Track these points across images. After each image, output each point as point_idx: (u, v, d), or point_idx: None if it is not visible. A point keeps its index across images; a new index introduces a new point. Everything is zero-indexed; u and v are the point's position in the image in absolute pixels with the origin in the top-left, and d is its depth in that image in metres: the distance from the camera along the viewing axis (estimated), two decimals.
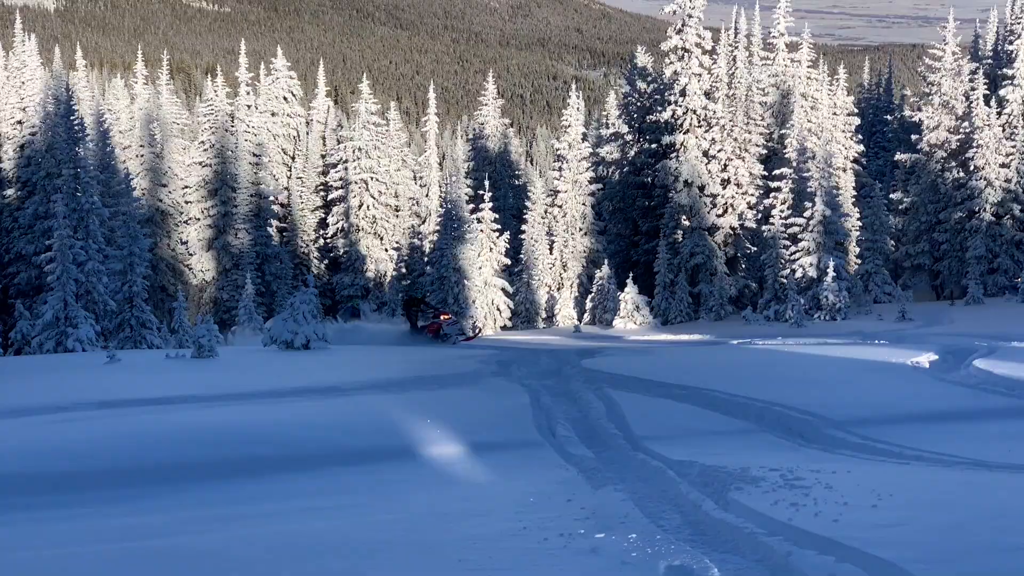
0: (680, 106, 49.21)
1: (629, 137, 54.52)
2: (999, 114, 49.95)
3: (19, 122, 51.81)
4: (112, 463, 14.07)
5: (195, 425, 16.50)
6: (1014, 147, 49.06)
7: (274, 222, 62.23)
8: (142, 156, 60.85)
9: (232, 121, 62.55)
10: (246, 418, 17.23)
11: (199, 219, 60.98)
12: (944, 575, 7.43)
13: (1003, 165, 48.88)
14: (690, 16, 49.29)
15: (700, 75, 49.30)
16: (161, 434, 15.76)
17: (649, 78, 54.54)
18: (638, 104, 54.39)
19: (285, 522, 10.85)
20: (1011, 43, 53.81)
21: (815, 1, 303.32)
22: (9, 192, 50.12)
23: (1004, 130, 49.41)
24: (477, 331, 44.35)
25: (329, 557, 8.95)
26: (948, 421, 16.52)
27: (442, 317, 39.75)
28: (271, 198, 61.94)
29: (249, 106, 64.39)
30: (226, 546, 9.56)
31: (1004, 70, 52.67)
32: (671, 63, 49.82)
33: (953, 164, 50.46)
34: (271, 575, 8.41)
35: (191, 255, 60.81)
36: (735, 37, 58.60)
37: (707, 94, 49.58)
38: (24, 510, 12.18)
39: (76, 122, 48.06)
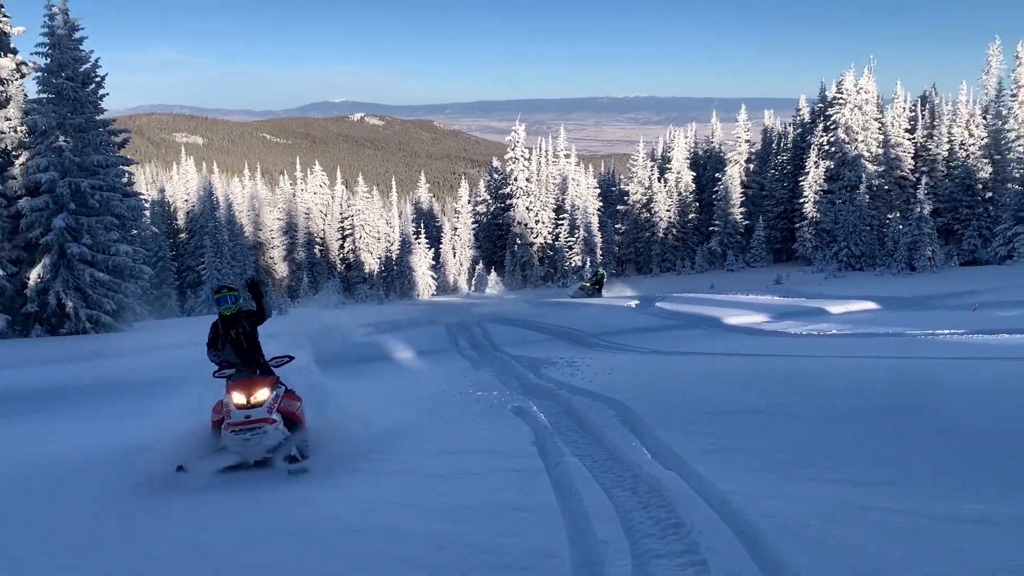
0: (514, 185, 49.32)
1: (491, 200, 54.27)
2: (665, 185, 50.85)
3: (186, 200, 50.47)
4: None
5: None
6: (671, 202, 50.04)
7: (317, 246, 60.74)
8: (250, 215, 59.17)
9: (294, 197, 60.97)
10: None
11: (278, 246, 59.37)
12: (638, 403, 7.61)
13: (668, 210, 49.79)
14: (518, 142, 49.49)
15: (524, 170, 49.43)
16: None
17: (499, 172, 54.36)
18: (495, 184, 54.17)
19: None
20: (670, 151, 54.72)
21: (578, 132, 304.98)
22: (183, 235, 48.74)
23: (668, 194, 50.29)
24: None
25: (351, 400, 8.62)
26: (645, 332, 16.85)
27: None
28: (315, 235, 60.49)
29: (303, 190, 62.74)
30: None
31: (667, 165, 53.39)
32: (509, 164, 49.88)
33: (644, 211, 51.18)
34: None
35: (275, 264, 59.38)
36: (541, 151, 58.59)
37: (527, 179, 49.70)
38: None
39: (214, 200, 46.84)
